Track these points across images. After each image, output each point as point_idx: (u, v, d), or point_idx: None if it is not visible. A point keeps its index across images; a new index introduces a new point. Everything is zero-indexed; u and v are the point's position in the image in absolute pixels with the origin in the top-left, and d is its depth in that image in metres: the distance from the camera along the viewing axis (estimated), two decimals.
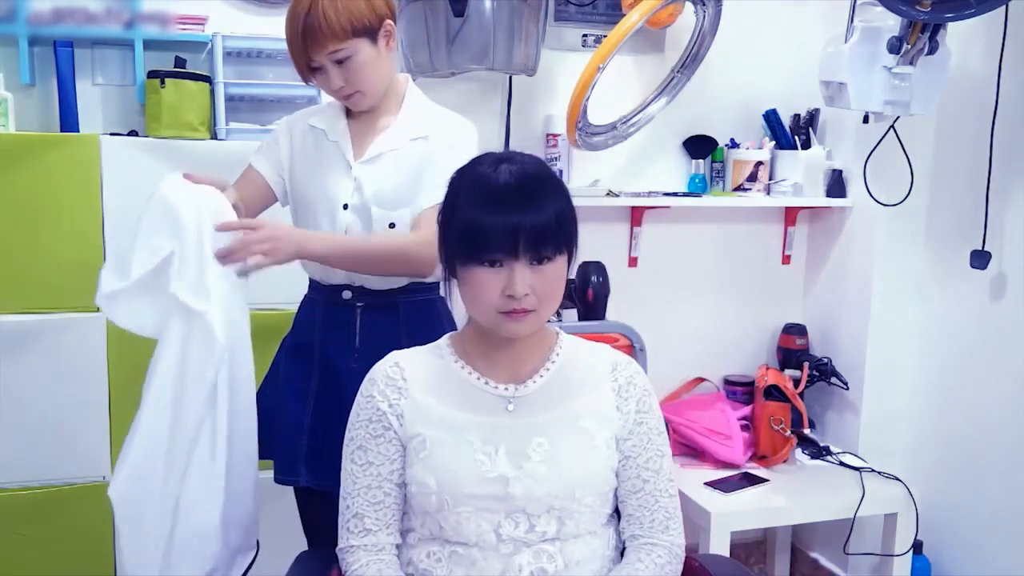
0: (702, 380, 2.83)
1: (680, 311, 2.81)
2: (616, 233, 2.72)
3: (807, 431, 2.64)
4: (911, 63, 2.16)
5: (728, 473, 2.45)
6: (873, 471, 2.48)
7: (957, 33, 2.21)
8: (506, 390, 1.35)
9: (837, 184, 2.70)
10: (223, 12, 2.34)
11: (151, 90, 2.18)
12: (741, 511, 2.29)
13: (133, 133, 2.26)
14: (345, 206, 1.67)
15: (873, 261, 2.60)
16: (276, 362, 1.81)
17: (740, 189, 2.72)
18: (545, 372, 1.37)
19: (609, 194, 2.56)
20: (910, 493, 2.38)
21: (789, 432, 2.51)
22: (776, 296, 2.90)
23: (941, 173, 2.52)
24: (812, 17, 2.70)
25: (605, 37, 2.36)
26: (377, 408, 1.34)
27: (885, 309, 2.62)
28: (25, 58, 2.17)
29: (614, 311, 2.45)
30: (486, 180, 1.27)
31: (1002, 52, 2.21)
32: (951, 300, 2.50)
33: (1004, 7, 2.10)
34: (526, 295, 1.25)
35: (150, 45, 2.26)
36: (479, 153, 1.36)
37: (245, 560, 1.62)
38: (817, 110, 2.74)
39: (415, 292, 1.74)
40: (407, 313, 1.73)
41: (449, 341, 1.42)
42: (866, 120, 2.34)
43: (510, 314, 1.26)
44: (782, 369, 2.75)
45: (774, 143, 2.75)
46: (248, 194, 1.72)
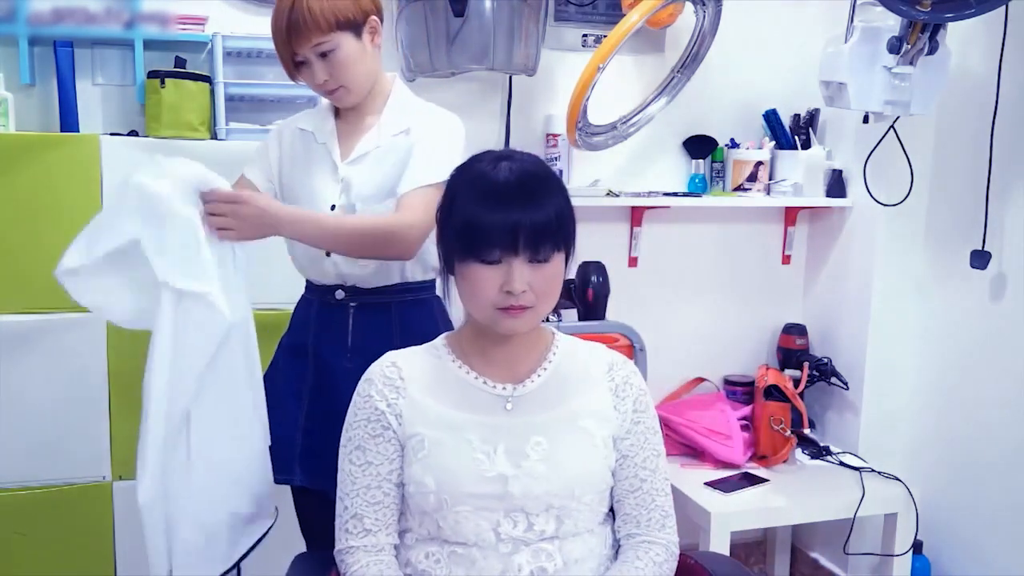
0: (702, 380, 2.83)
1: (680, 311, 2.81)
2: (616, 233, 2.72)
3: (807, 431, 2.64)
4: (911, 63, 2.15)
5: (728, 473, 2.45)
6: (873, 471, 2.48)
7: (957, 33, 2.21)
8: (504, 389, 1.35)
9: (837, 184, 2.70)
10: (223, 12, 2.34)
11: (151, 90, 2.19)
12: (741, 511, 2.29)
13: (133, 133, 2.27)
14: (333, 207, 1.68)
15: (873, 261, 2.60)
16: (275, 361, 1.81)
17: (740, 189, 2.72)
18: (543, 371, 1.37)
19: (609, 194, 2.56)
20: (910, 493, 2.38)
21: (789, 432, 2.51)
22: (776, 296, 2.90)
23: (941, 173, 2.51)
24: (812, 17, 2.70)
25: (605, 37, 2.36)
26: (375, 408, 1.34)
27: (885, 309, 2.61)
28: (25, 58, 2.17)
29: (614, 311, 2.46)
30: (486, 177, 1.27)
31: (1002, 52, 2.21)
32: (951, 300, 2.50)
33: (1004, 7, 2.10)
34: (524, 292, 1.25)
35: (150, 45, 2.26)
36: (474, 151, 1.36)
37: (263, 526, 1.63)
38: (817, 110, 2.74)
39: (407, 292, 1.74)
40: (400, 313, 1.73)
41: (446, 341, 1.41)
42: (866, 120, 2.34)
43: (508, 310, 1.26)
44: (782, 369, 2.74)
45: (774, 143, 2.75)
46: None
